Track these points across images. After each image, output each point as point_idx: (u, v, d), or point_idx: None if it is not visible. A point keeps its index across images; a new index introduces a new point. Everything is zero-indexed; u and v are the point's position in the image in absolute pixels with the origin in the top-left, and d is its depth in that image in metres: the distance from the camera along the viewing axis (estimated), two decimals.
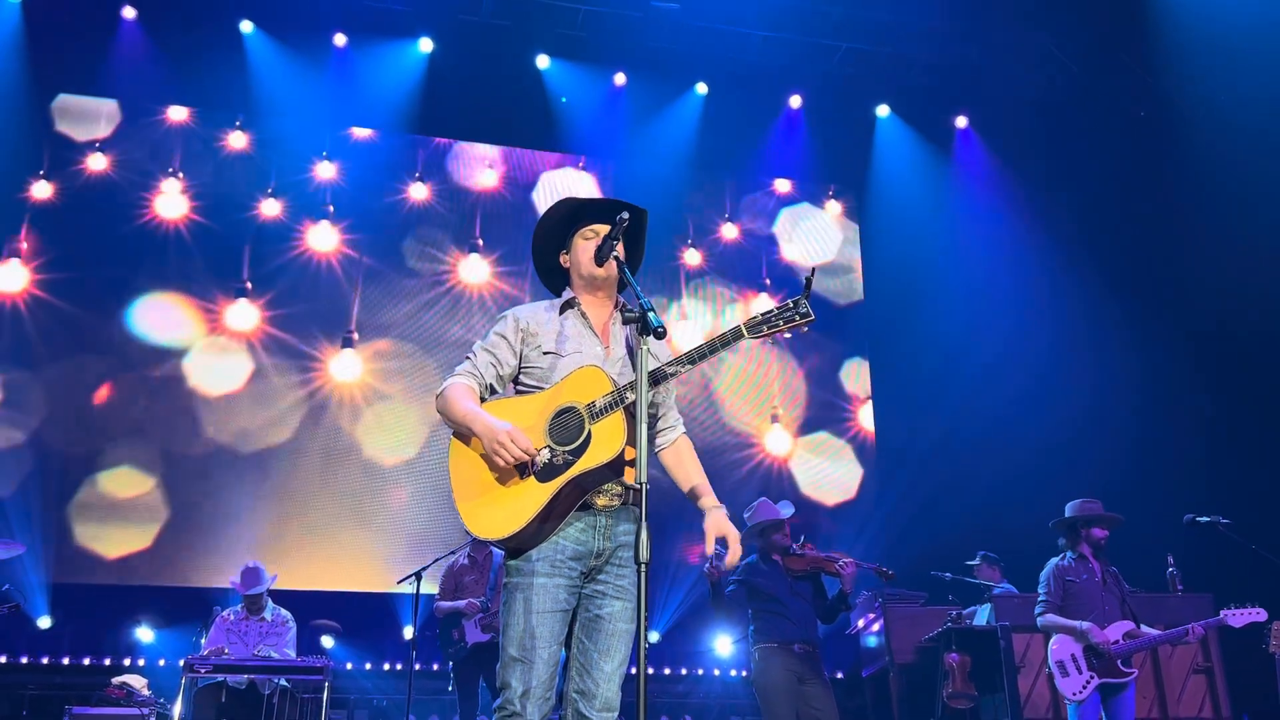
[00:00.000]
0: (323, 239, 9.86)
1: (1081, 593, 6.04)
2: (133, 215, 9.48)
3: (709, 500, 3.22)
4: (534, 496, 2.93)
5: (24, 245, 9.21)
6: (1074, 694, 5.90)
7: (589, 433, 2.93)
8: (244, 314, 9.52)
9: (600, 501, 3.00)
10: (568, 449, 2.94)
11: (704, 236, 10.88)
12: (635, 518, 3.04)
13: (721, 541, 3.13)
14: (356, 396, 9.59)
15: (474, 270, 10.12)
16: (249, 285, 9.59)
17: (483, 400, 3.16)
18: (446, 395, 3.12)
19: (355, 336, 9.70)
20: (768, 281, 10.86)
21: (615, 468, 2.94)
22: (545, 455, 2.96)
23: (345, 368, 9.63)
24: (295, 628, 7.27)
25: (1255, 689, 6.36)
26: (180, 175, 9.64)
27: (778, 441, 10.42)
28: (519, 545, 2.97)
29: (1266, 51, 8.24)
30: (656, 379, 2.98)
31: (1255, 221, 8.30)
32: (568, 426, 2.97)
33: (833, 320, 10.94)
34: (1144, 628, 5.94)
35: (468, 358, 3.23)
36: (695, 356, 2.96)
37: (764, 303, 10.75)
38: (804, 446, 10.50)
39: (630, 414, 2.92)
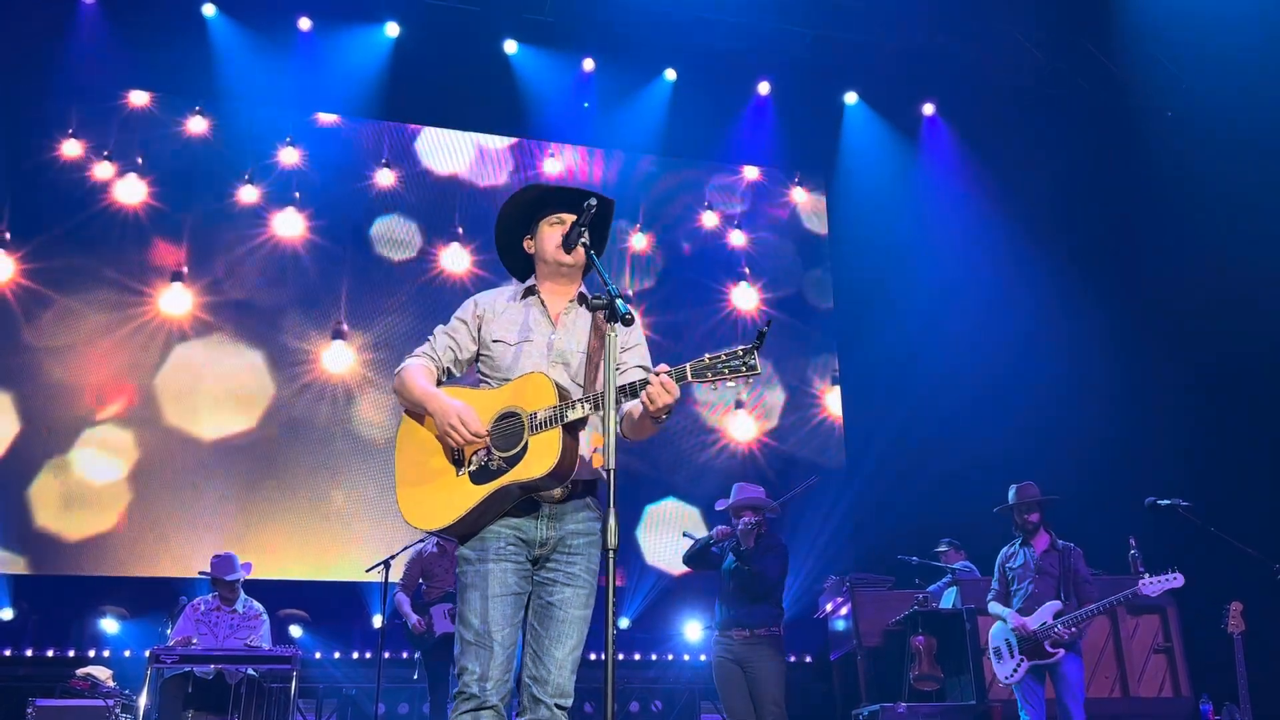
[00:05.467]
0: (291, 226, 9.75)
1: (1016, 578, 6.23)
2: (93, 202, 9.34)
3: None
4: (465, 497, 2.95)
5: None
6: (1006, 677, 6.16)
7: (526, 443, 2.93)
8: (212, 301, 9.41)
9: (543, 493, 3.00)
10: (504, 455, 2.94)
11: (673, 223, 10.87)
12: (588, 505, 3.07)
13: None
14: (328, 387, 9.52)
15: (455, 259, 10.07)
16: (220, 273, 9.48)
17: (440, 384, 3.19)
18: (404, 375, 3.16)
19: (345, 328, 9.62)
20: (746, 270, 10.88)
21: (553, 478, 2.89)
22: (483, 456, 2.97)
23: (333, 359, 9.55)
24: (268, 621, 7.22)
25: (1215, 668, 6.47)
26: (142, 161, 9.50)
27: (742, 428, 10.45)
28: (449, 536, 3.03)
29: (1229, 38, 8.34)
30: (596, 406, 2.88)
31: (1223, 206, 8.40)
32: (509, 432, 2.97)
33: (801, 308, 10.99)
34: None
35: (428, 339, 3.26)
36: (638, 388, 2.84)
37: (744, 291, 10.79)
38: (770, 432, 10.53)
39: (568, 430, 2.90)
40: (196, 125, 9.71)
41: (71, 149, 9.38)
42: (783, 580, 6.20)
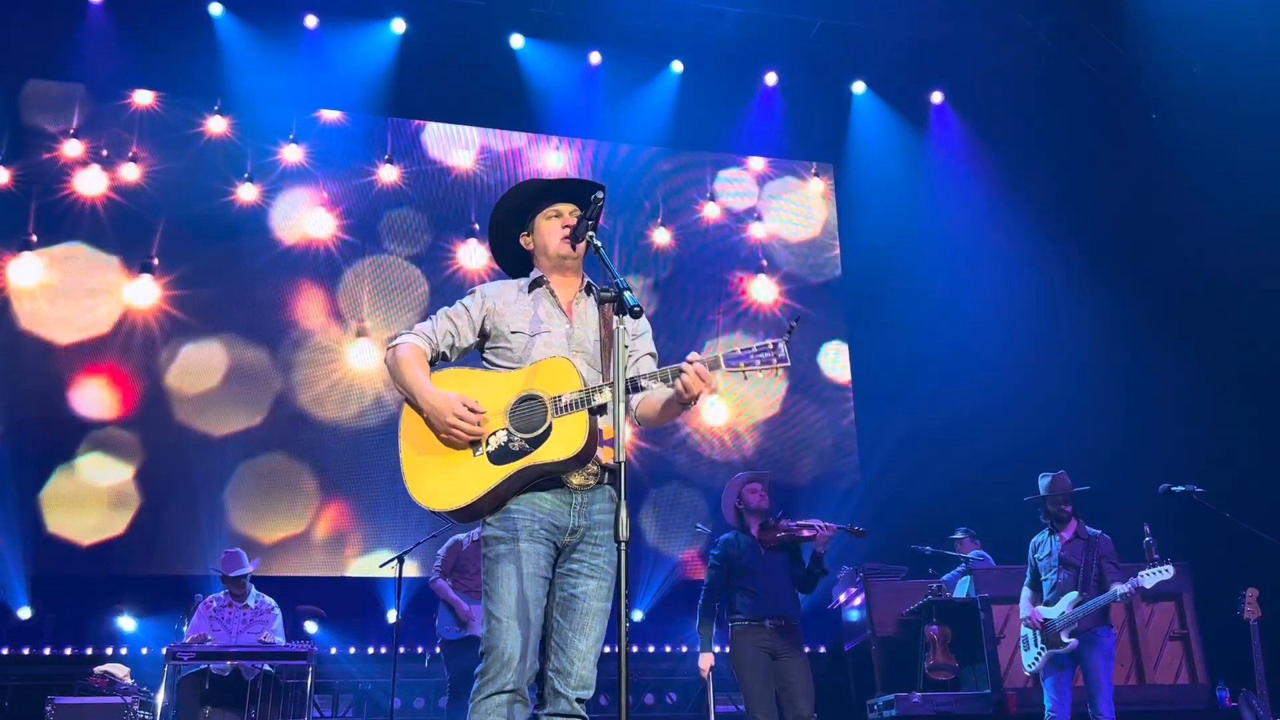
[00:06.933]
0: (303, 223, 9.78)
1: (1044, 568, 6.21)
2: (101, 201, 9.37)
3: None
4: (484, 476, 2.92)
5: None
6: (1029, 666, 6.14)
7: (550, 425, 2.92)
8: (218, 298, 9.43)
9: (576, 480, 2.99)
10: (526, 436, 2.93)
11: (682, 215, 10.86)
12: (611, 496, 3.05)
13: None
14: (339, 383, 9.54)
15: (472, 255, 10.07)
16: (227, 270, 9.50)
17: (432, 365, 3.16)
18: (398, 355, 3.11)
19: (367, 325, 9.65)
20: (765, 263, 10.87)
21: (578, 461, 2.92)
22: (502, 437, 2.95)
23: (349, 355, 9.60)
24: (280, 615, 7.25)
25: (1231, 655, 6.45)
26: (149, 160, 9.53)
27: (748, 414, 10.45)
28: (462, 519, 2.99)
29: (1237, 21, 8.28)
30: (631, 389, 2.94)
31: (1235, 191, 8.35)
32: (530, 414, 2.95)
33: (811, 297, 10.97)
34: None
35: (430, 319, 3.23)
36: (670, 376, 2.91)
37: (762, 284, 10.78)
38: (777, 419, 10.51)
39: (593, 414, 2.93)
40: (204, 124, 9.72)
41: (82, 149, 9.41)
42: None
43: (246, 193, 9.66)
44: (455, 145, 10.48)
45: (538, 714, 2.91)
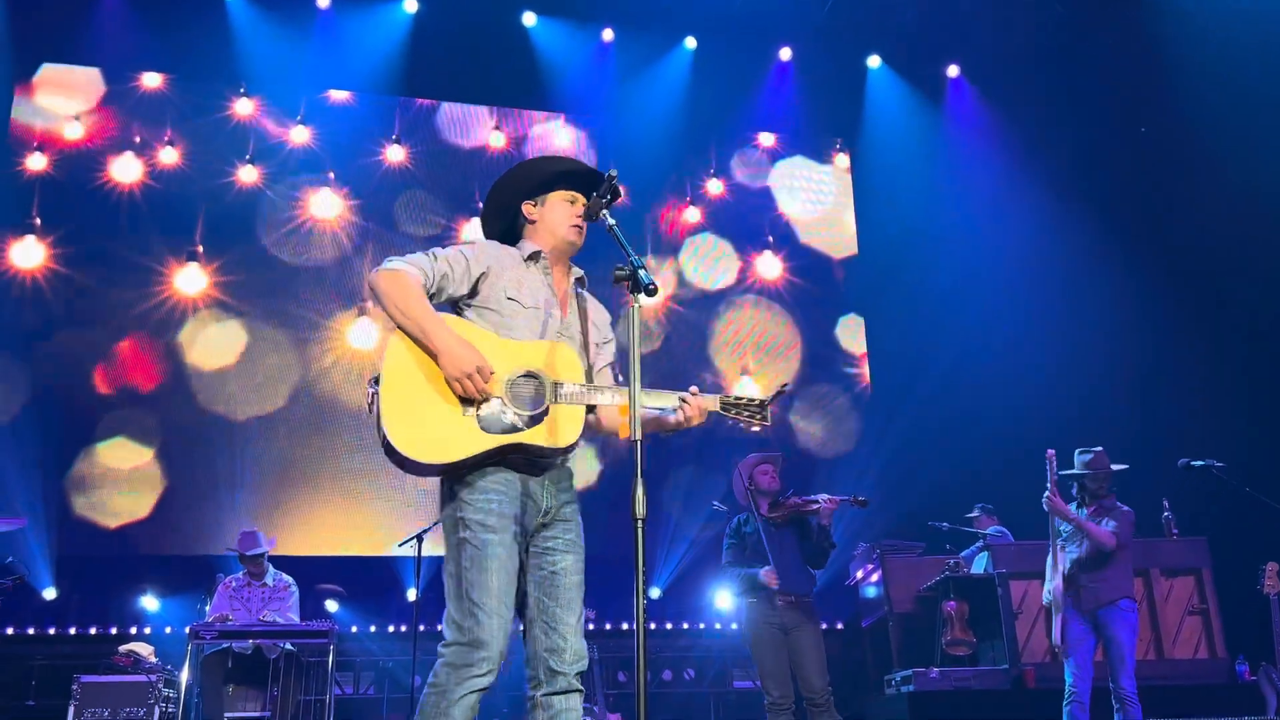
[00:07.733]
0: (315, 204, 9.80)
1: (1065, 540, 6.15)
2: (113, 184, 9.40)
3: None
4: (471, 440, 2.85)
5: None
6: (1051, 641, 6.05)
7: (548, 410, 2.91)
8: (234, 281, 9.47)
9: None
10: (522, 414, 2.91)
11: (695, 192, 10.82)
12: (571, 473, 3.13)
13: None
14: (354, 362, 9.58)
15: (478, 235, 10.05)
16: (240, 252, 9.53)
17: None
18: (403, 279, 2.93)
19: (369, 305, 9.68)
20: (770, 239, 10.83)
21: (564, 452, 2.95)
22: (497, 406, 2.90)
23: (360, 336, 9.64)
24: (298, 592, 7.31)
25: (1250, 629, 6.43)
26: (164, 142, 9.54)
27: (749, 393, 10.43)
28: (425, 473, 2.89)
29: None
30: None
31: (1251, 162, 8.26)
32: (529, 390, 2.93)
33: (827, 274, 10.93)
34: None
35: (424, 254, 3.04)
36: (669, 404, 3.06)
37: (768, 261, 10.75)
38: (794, 395, 10.49)
39: (587, 410, 2.99)
40: (231, 106, 9.75)
41: (91, 132, 9.44)
42: None
43: (259, 174, 9.67)
44: (467, 125, 10.46)
45: (534, 695, 2.91)
